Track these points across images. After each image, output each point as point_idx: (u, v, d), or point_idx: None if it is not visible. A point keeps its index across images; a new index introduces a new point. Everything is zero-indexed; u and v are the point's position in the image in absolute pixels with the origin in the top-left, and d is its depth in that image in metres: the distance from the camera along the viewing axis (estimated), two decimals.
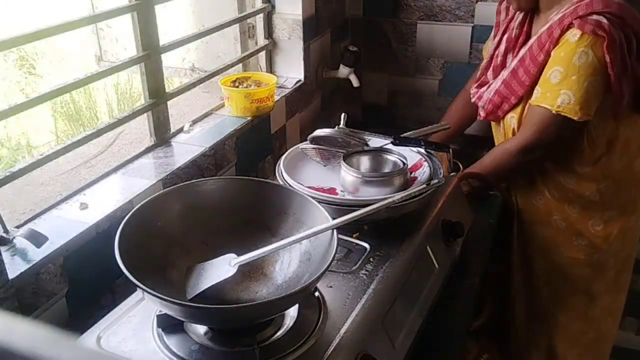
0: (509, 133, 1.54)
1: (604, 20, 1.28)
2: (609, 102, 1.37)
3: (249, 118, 1.53)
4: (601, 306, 1.66)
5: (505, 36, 1.54)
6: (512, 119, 1.51)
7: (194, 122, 1.51)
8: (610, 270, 1.62)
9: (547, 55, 1.37)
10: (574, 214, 1.54)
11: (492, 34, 1.65)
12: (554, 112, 1.34)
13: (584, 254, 1.58)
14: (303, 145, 1.32)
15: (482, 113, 1.58)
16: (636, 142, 1.50)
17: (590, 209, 1.52)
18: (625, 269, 1.66)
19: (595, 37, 1.28)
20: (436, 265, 1.18)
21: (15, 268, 0.93)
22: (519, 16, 1.51)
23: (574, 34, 1.31)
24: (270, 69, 1.80)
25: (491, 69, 1.58)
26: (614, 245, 1.57)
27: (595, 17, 1.29)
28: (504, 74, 1.49)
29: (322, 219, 0.94)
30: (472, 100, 1.62)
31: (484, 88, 1.57)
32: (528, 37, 1.50)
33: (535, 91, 1.41)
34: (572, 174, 1.49)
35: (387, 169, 1.24)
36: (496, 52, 1.56)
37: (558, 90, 1.33)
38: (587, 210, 1.53)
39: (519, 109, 1.48)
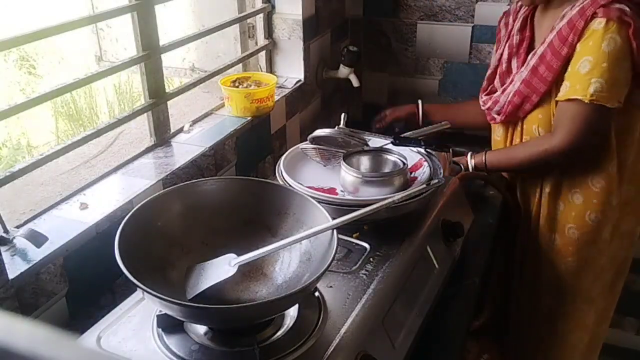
0: (529, 134, 1.51)
1: (626, 8, 1.29)
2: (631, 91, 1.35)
3: (249, 118, 1.53)
4: (596, 311, 1.65)
5: (507, 44, 1.55)
6: (535, 118, 1.48)
7: (194, 122, 1.51)
8: (606, 274, 1.61)
9: (572, 49, 1.35)
10: (593, 222, 1.49)
11: (494, 49, 1.66)
12: (587, 101, 1.31)
13: (587, 261, 1.55)
14: (303, 145, 1.32)
15: (499, 117, 1.55)
16: None
17: (608, 216, 1.48)
18: (622, 272, 1.65)
19: (620, 23, 1.28)
20: (436, 265, 1.18)
21: (15, 268, 0.93)
22: (518, 24, 1.53)
23: (599, 22, 1.30)
24: (270, 69, 1.80)
25: (497, 76, 1.59)
26: (612, 248, 1.56)
27: (617, 5, 1.29)
28: (523, 73, 1.46)
29: (322, 219, 0.93)
30: (483, 108, 1.62)
31: (498, 93, 1.55)
32: (531, 40, 1.51)
33: (563, 86, 1.37)
34: (602, 174, 1.44)
35: (387, 169, 1.24)
36: (500, 61, 1.57)
37: (589, 80, 1.30)
38: (605, 218, 1.48)
39: (543, 108, 1.45)
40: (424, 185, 1.15)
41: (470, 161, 1.56)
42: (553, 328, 1.67)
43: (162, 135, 1.40)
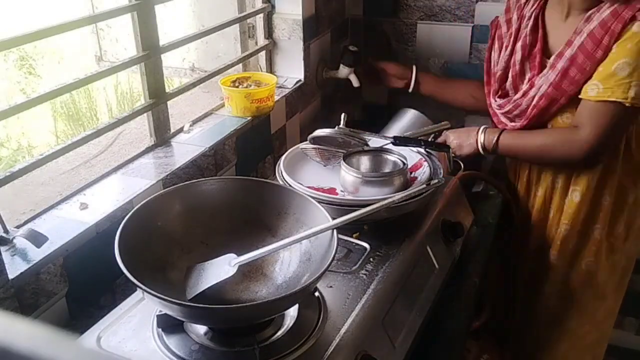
0: None
1: None
2: None
3: (249, 118, 1.53)
4: (605, 307, 1.66)
5: (518, 45, 1.51)
6: (557, 121, 1.47)
7: (194, 122, 1.51)
8: (620, 270, 1.61)
9: (607, 51, 1.35)
10: (607, 215, 1.52)
11: (493, 46, 1.62)
12: (627, 104, 1.31)
13: (602, 257, 1.56)
14: (303, 145, 1.32)
15: (519, 122, 1.51)
16: None
17: (623, 210, 1.51)
18: (630, 268, 1.66)
19: None
20: (436, 265, 1.18)
21: (15, 268, 0.93)
22: (530, 22, 1.49)
23: (638, 25, 1.29)
24: (270, 69, 1.80)
25: (510, 78, 1.54)
26: (627, 245, 1.56)
27: None
28: (550, 76, 1.42)
29: (322, 219, 0.94)
30: (498, 111, 1.57)
31: (518, 96, 1.51)
32: (544, 43, 1.48)
33: (593, 86, 1.36)
34: (630, 170, 1.47)
35: (387, 169, 1.24)
36: (511, 62, 1.53)
37: (629, 83, 1.30)
38: (620, 212, 1.51)
39: (572, 109, 1.43)
40: (424, 185, 1.15)
41: (480, 136, 1.51)
42: (563, 324, 1.67)
43: (162, 135, 1.40)
